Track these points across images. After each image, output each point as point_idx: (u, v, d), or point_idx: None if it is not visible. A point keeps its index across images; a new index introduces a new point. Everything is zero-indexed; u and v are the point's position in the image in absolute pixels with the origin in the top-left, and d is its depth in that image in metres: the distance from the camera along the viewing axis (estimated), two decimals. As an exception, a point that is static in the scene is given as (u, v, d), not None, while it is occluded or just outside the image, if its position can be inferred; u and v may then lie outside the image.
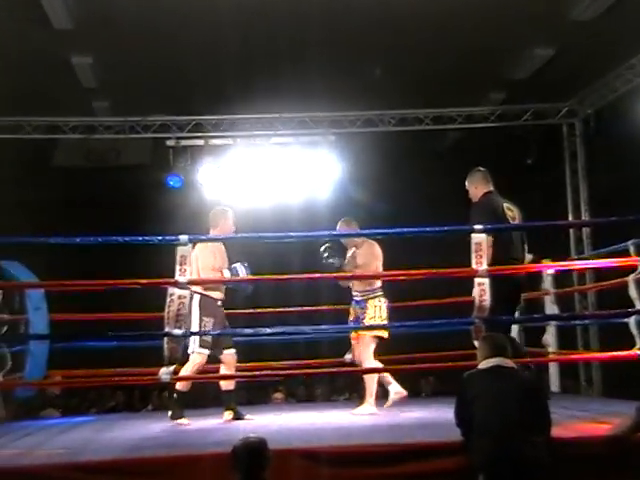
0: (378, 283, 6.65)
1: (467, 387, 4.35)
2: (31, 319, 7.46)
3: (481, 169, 6.19)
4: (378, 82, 8.74)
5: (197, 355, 6.27)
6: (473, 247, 5.59)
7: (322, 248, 6.68)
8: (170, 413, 6.28)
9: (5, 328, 7.31)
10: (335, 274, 6.25)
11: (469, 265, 5.64)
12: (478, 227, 5.62)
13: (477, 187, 6.09)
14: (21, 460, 4.72)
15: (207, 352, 6.31)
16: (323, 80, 8.38)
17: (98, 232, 6.35)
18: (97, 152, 10.20)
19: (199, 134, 9.34)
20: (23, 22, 7.20)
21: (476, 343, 5.41)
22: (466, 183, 6.16)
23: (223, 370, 6.43)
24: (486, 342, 4.57)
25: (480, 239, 5.61)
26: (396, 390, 6.72)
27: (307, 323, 6.70)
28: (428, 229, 6.00)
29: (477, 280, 5.58)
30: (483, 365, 4.43)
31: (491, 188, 6.08)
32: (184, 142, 9.39)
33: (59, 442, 5.56)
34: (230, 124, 9.34)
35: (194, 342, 6.25)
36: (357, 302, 6.68)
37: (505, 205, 5.98)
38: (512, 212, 5.99)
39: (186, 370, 6.23)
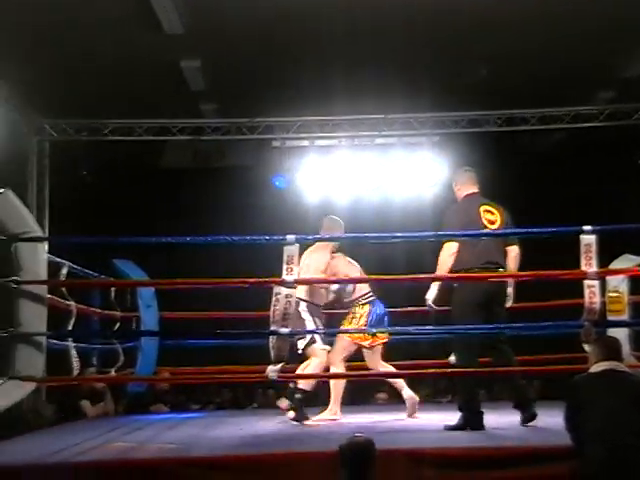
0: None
1: (578, 391, 4.25)
2: (142, 316, 7.69)
3: (467, 169, 6.05)
4: (483, 81, 8.65)
5: (321, 352, 6.35)
6: (582, 249, 5.48)
7: None
8: (293, 414, 6.29)
9: (117, 325, 7.55)
10: (449, 274, 6.09)
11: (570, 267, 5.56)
12: (587, 228, 5.51)
13: (460, 188, 5.95)
14: (134, 454, 4.87)
15: (329, 348, 6.43)
16: (428, 80, 8.35)
17: (205, 232, 6.50)
18: (204, 153, 10.41)
19: (304, 135, 9.40)
20: (135, 28, 7.40)
21: (586, 346, 5.32)
22: (452, 183, 6.05)
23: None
24: (599, 345, 4.47)
25: (589, 240, 5.50)
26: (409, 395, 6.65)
27: (411, 323, 6.68)
28: (535, 230, 5.91)
29: (587, 282, 5.47)
30: (595, 369, 4.33)
31: (475, 190, 5.93)
32: (289, 143, 9.48)
33: (169, 437, 5.70)
34: (335, 125, 9.37)
35: (318, 339, 6.35)
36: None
37: (483, 208, 5.81)
38: (493, 215, 5.82)
39: (312, 368, 6.31)
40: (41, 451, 4.93)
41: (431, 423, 6.11)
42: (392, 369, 6.69)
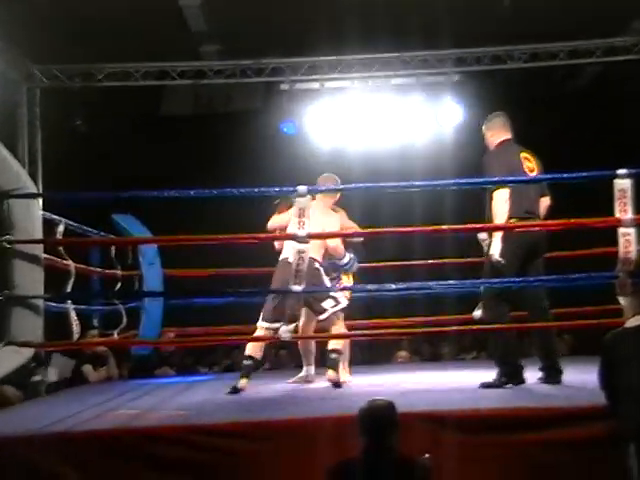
0: None
1: (614, 347, 4.21)
2: (145, 275, 7.70)
3: (500, 114, 6.03)
4: (506, 14, 8.51)
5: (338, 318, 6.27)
6: (616, 194, 5.43)
7: None
8: (331, 373, 6.16)
9: (119, 285, 7.56)
10: (474, 225, 6.05)
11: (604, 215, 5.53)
12: (622, 172, 5.46)
13: (493, 134, 5.95)
14: (141, 421, 4.90)
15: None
16: (446, 14, 8.23)
17: (210, 183, 6.47)
18: (206, 99, 10.33)
19: (314, 77, 9.28)
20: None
21: (621, 299, 5.30)
22: (483, 129, 6.02)
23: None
24: (635, 297, 4.43)
25: (624, 185, 5.45)
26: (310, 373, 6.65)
27: (431, 278, 6.67)
28: (565, 176, 5.85)
29: (621, 230, 5.43)
30: (631, 323, 4.29)
31: (509, 136, 5.94)
32: (298, 85, 9.38)
33: (177, 403, 5.73)
34: (347, 65, 9.24)
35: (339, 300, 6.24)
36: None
37: (522, 155, 5.84)
38: (531, 162, 5.85)
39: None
40: (41, 420, 4.96)
41: (456, 383, 6.13)
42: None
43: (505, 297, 5.73)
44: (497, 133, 5.95)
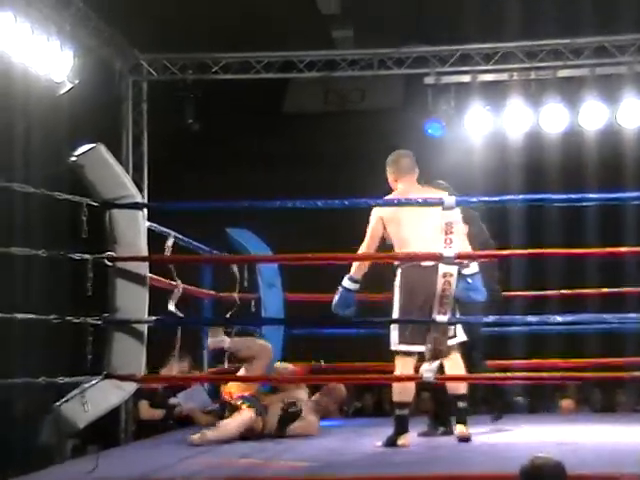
0: None
1: None
2: (263, 299, 7.75)
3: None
4: None
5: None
6: None
7: None
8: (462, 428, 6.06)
9: (233, 309, 7.61)
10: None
11: None
12: None
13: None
14: (261, 472, 4.95)
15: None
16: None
17: (341, 191, 6.48)
18: (337, 93, 10.40)
19: (465, 68, 9.28)
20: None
21: None
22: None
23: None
24: None
25: None
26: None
27: (606, 309, 6.51)
28: None
29: None
30: None
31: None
32: (446, 79, 9.36)
33: (300, 452, 5.73)
34: (505, 55, 9.22)
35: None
36: None
37: None
38: None
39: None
40: (145, 466, 5.05)
41: (633, 440, 5.96)
42: None
43: None
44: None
